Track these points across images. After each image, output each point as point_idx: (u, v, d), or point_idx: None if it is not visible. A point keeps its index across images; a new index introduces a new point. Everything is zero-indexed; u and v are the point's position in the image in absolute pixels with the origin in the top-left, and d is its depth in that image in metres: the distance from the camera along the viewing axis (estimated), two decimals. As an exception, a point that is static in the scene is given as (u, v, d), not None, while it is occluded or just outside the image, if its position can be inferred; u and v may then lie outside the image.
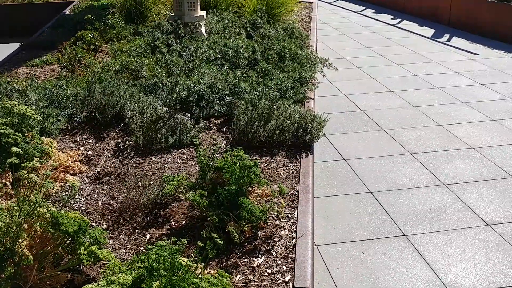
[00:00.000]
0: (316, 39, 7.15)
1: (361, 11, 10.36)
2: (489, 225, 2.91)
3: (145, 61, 4.18)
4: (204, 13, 5.25)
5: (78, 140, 3.29)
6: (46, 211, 1.88)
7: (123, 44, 5.19)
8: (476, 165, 3.69)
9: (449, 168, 3.64)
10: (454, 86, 5.49)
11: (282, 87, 3.66)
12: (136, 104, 3.18)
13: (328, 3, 11.59)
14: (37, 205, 1.83)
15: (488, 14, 7.59)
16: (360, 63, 6.42)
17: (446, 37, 7.77)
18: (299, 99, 3.73)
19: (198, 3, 5.16)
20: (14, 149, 2.44)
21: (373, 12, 10.10)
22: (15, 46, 6.52)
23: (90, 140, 3.28)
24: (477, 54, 6.73)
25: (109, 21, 6.22)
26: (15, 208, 1.83)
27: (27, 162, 2.32)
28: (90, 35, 5.51)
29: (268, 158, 3.04)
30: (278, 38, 4.82)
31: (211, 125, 3.32)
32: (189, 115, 3.14)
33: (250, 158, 2.60)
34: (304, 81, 4.00)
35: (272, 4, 5.94)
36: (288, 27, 5.46)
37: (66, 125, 3.41)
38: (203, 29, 5.17)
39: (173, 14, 5.25)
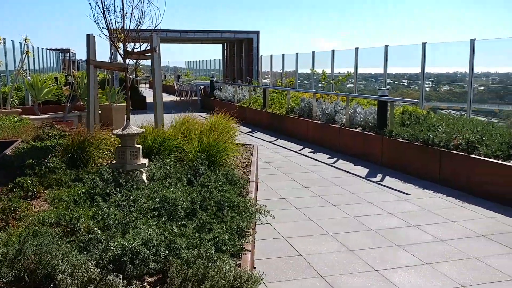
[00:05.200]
0: (257, 179, 7.39)
1: (300, 150, 10.92)
2: None
3: (82, 213, 4.17)
4: (146, 160, 5.39)
5: (3, 305, 3.13)
6: None
7: (62, 191, 5.17)
8: (412, 315, 3.75)
9: (386, 319, 3.68)
10: (389, 227, 5.71)
11: (220, 240, 3.71)
12: (68, 265, 3.11)
13: (268, 141, 12.18)
14: None
15: (417, 156, 8.19)
16: (299, 204, 6.63)
17: (379, 176, 8.23)
18: (237, 252, 3.76)
19: (141, 152, 5.31)
20: None
21: (310, 152, 10.66)
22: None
23: (16, 305, 3.12)
24: (409, 194, 7.12)
25: (51, 164, 6.24)
26: None
27: None
28: (29, 181, 5.48)
29: (202, 321, 2.98)
30: (217, 186, 4.97)
31: (145, 284, 3.27)
32: (121, 275, 3.10)
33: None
34: (242, 232, 4.07)
35: (214, 150, 6.19)
36: (228, 173, 5.65)
37: (-9, 286, 3.26)
38: (144, 176, 5.27)
39: (115, 162, 5.35)
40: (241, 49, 25.68)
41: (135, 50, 7.49)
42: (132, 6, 6.84)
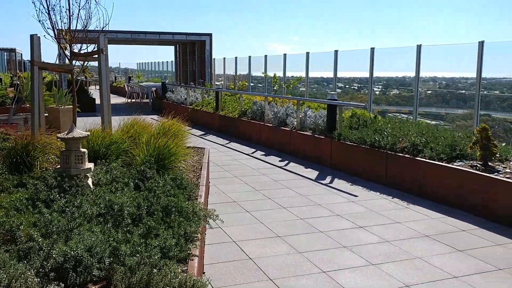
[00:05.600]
0: (208, 182, 7.35)
1: (252, 153, 10.96)
2: None
3: (23, 220, 4.02)
4: (92, 165, 5.26)
5: None
6: None
7: (3, 197, 4.97)
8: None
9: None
10: (337, 229, 5.81)
11: (166, 246, 3.66)
12: (5, 275, 2.99)
13: (221, 145, 12.16)
14: None
15: (364, 159, 8.36)
16: (250, 207, 6.64)
17: (328, 179, 8.36)
18: (184, 257, 3.72)
19: (86, 156, 5.18)
20: None
21: (263, 154, 10.71)
22: None
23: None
24: (357, 196, 7.27)
25: (-8, 169, 6.00)
26: None
27: None
28: (-33, 187, 5.25)
29: (146, 329, 2.94)
30: (165, 191, 4.90)
31: (88, 292, 3.19)
32: (63, 284, 3.01)
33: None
34: (189, 237, 4.03)
35: (163, 153, 6.11)
36: (178, 177, 5.59)
37: None
38: (90, 181, 5.15)
39: (59, 166, 5.20)
40: (193, 51, 25.54)
41: (83, 51, 7.32)
42: (79, 6, 6.69)
